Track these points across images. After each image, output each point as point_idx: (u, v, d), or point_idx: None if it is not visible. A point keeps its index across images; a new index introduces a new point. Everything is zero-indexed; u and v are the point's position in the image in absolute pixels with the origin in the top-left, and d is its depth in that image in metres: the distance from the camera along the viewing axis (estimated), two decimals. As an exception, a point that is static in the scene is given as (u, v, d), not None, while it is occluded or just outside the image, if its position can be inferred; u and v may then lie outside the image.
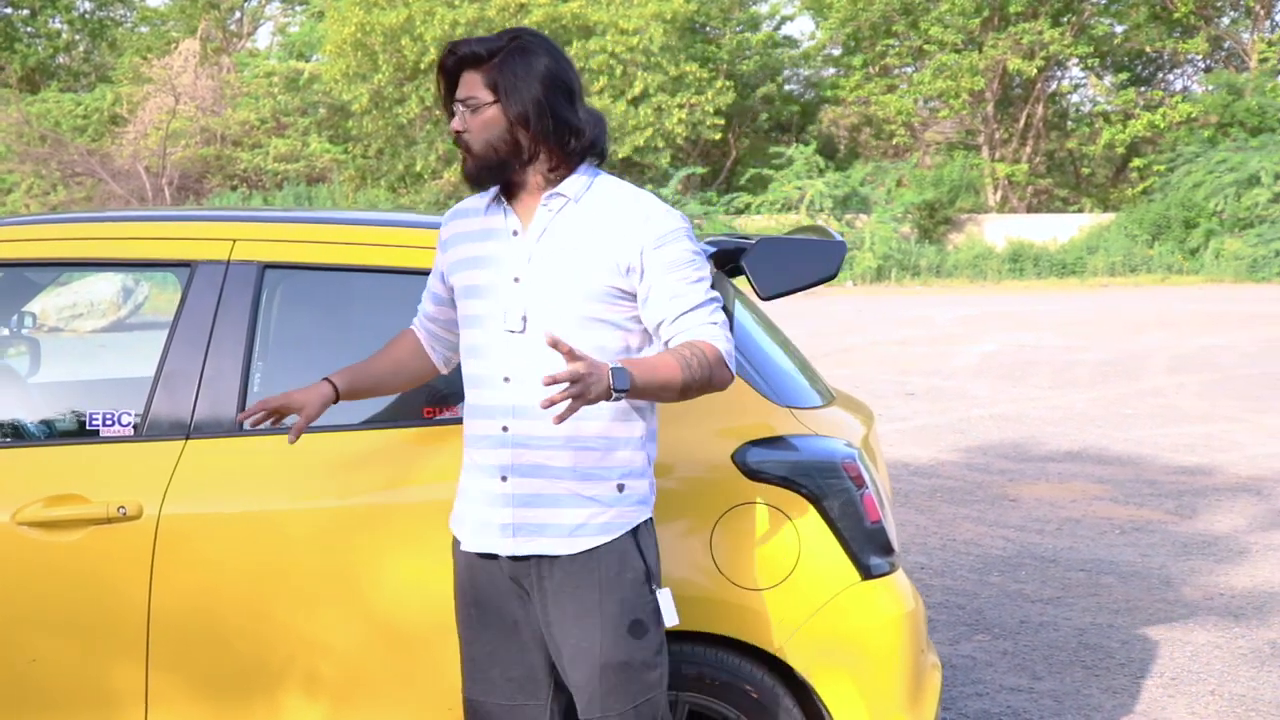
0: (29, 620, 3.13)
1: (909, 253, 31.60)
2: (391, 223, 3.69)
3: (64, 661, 3.14)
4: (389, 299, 3.39)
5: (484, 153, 2.80)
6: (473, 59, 2.81)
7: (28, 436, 3.49)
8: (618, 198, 2.84)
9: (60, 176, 34.32)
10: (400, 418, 3.34)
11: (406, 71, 31.35)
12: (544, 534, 2.80)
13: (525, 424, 2.78)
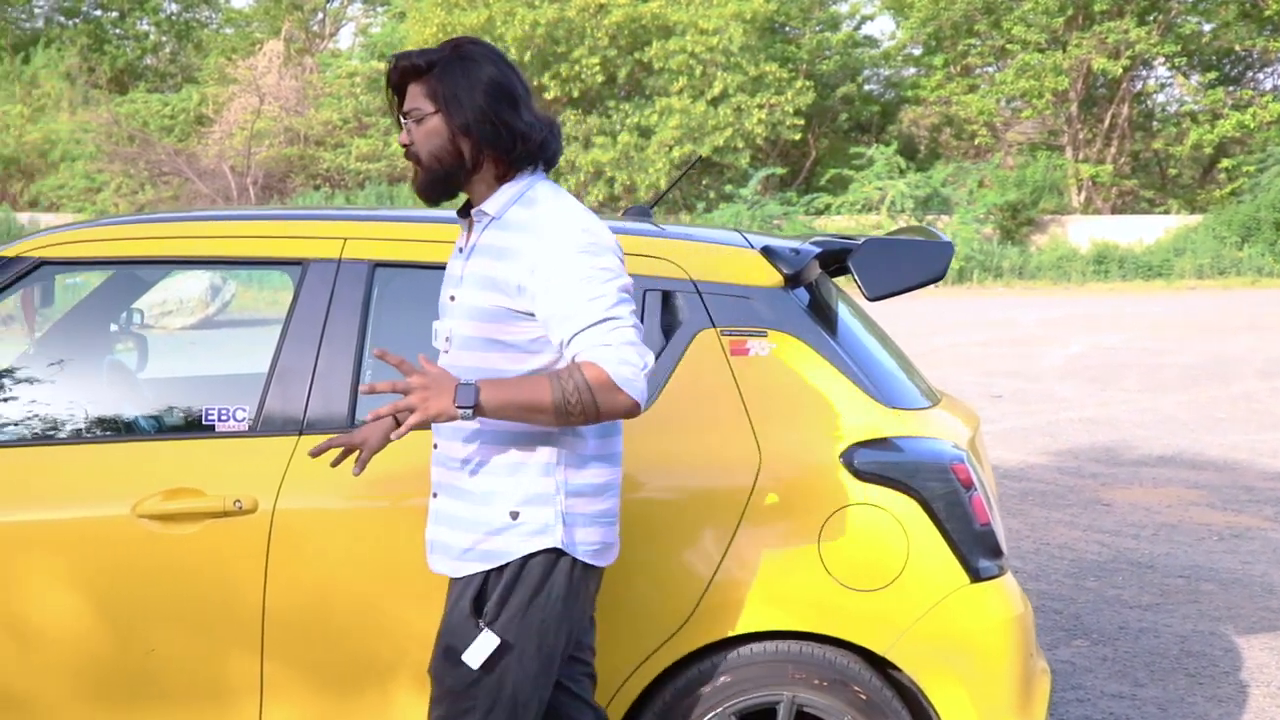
0: (147, 612, 3.18)
1: (991, 254, 31.29)
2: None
3: (180, 653, 3.19)
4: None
5: (430, 164, 2.77)
6: (413, 70, 2.77)
7: (139, 430, 3.54)
8: (528, 214, 2.74)
9: (148, 176, 34.83)
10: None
11: (487, 72, 31.54)
12: (447, 554, 2.82)
13: (444, 444, 2.82)
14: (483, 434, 2.74)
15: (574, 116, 31.17)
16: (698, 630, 3.21)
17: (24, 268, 3.40)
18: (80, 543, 3.21)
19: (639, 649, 3.22)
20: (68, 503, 3.26)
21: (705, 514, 3.25)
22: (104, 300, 4.20)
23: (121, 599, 3.18)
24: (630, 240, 3.46)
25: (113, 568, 3.18)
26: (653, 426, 3.28)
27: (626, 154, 30.61)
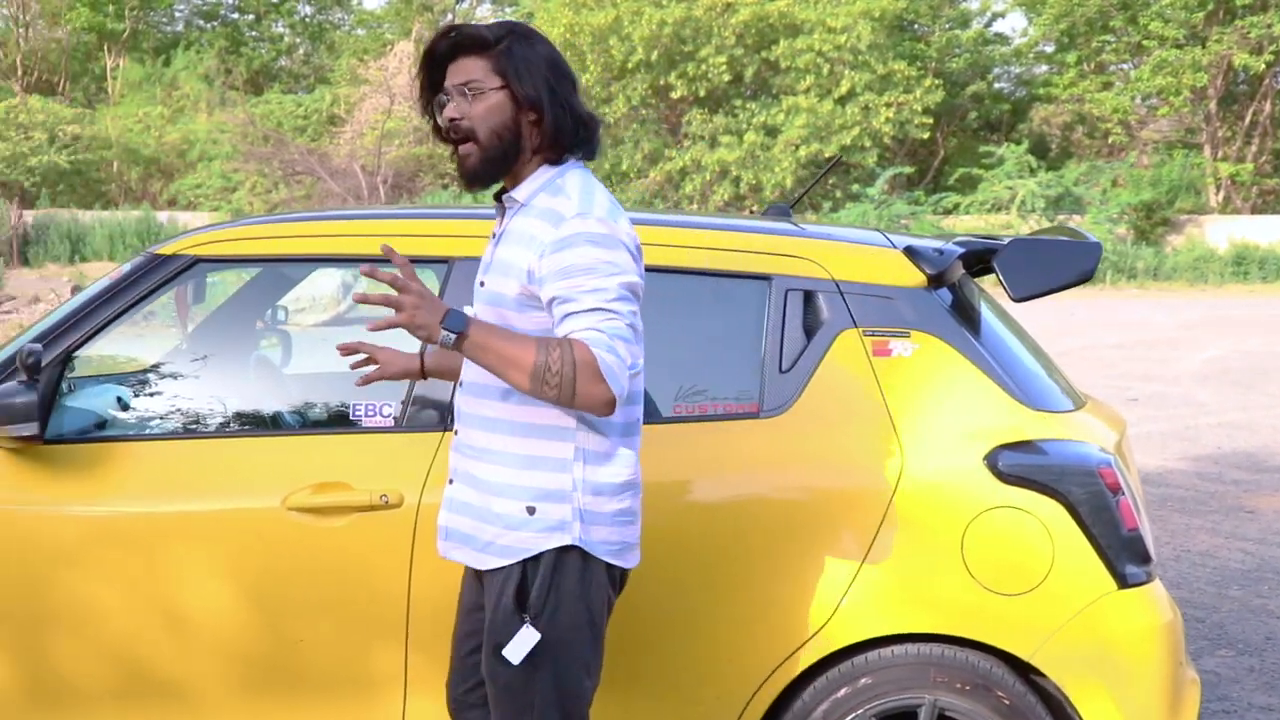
0: (296, 603, 3.25)
1: (1125, 254, 30.66)
2: (673, 224, 3.70)
3: (327, 644, 3.25)
4: (675, 298, 3.44)
5: (489, 141, 2.69)
6: (474, 44, 2.69)
7: (285, 425, 3.61)
8: (551, 201, 2.69)
9: (281, 175, 35.52)
10: (652, 414, 3.37)
11: (613, 71, 31.64)
12: (466, 544, 2.79)
13: (463, 430, 2.80)
14: (500, 424, 2.72)
15: (700, 116, 31.17)
16: (838, 631, 3.19)
17: (180, 265, 3.49)
18: (232, 534, 3.29)
19: (778, 649, 3.21)
20: (220, 495, 3.35)
21: (846, 515, 3.23)
22: (251, 297, 4.29)
23: (272, 590, 3.26)
24: (771, 240, 3.47)
25: (263, 559, 3.25)
26: (794, 426, 3.27)
27: (752, 153, 30.52)
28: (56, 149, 35.82)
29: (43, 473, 3.33)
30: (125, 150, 38.31)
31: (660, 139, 32.22)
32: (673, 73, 30.96)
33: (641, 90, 31.06)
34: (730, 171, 30.73)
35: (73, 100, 42.53)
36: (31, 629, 3.32)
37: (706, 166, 30.71)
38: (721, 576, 3.23)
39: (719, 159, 30.41)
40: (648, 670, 3.25)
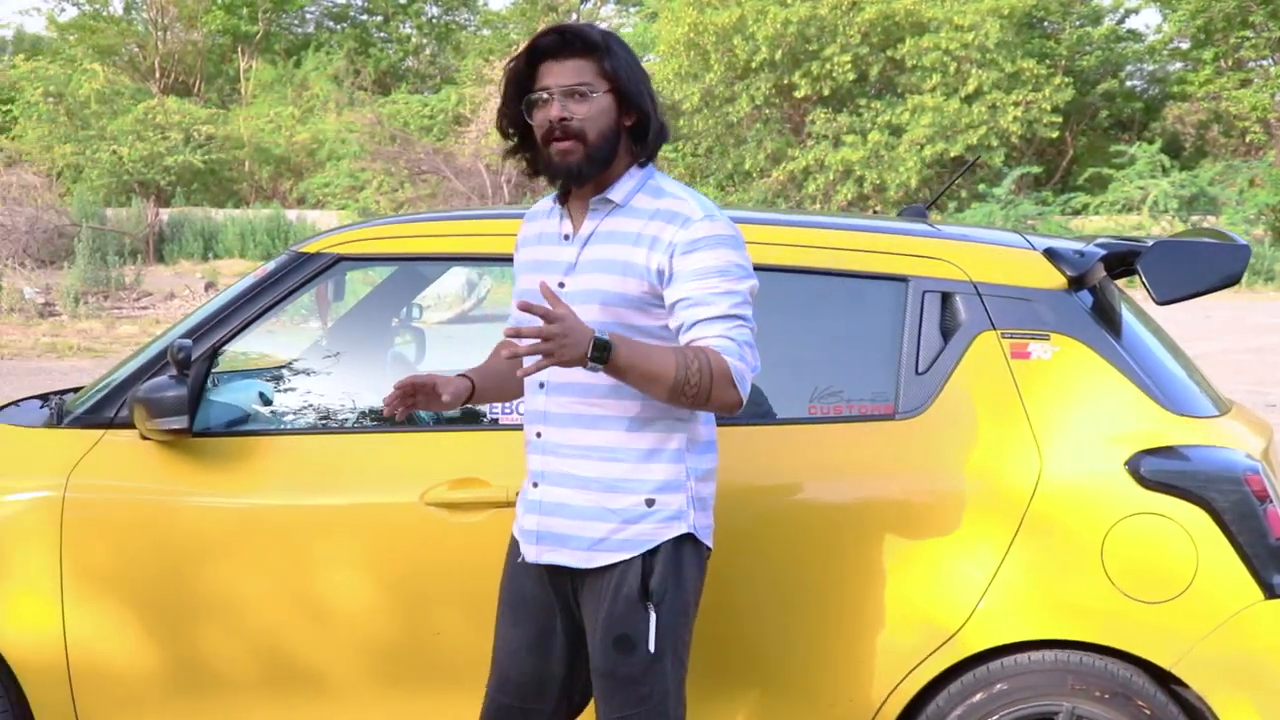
0: (433, 596, 3.31)
1: (1263, 256, 29.82)
2: (809, 224, 3.70)
3: (464, 637, 3.30)
4: (810, 299, 3.45)
5: (597, 142, 2.72)
6: (584, 45, 2.73)
7: (422, 422, 3.67)
8: (663, 200, 2.74)
9: (407, 174, 35.97)
10: (786, 414, 3.37)
11: (737, 71, 31.57)
12: (566, 545, 2.78)
13: (555, 431, 2.78)
14: (612, 420, 2.73)
15: (824, 115, 30.98)
16: (974, 635, 3.16)
17: (323, 264, 3.57)
18: (372, 528, 3.36)
19: (913, 652, 3.20)
20: (359, 489, 3.41)
21: (983, 518, 3.20)
22: (387, 295, 4.37)
23: (410, 583, 3.32)
24: (908, 241, 3.45)
25: (402, 552, 3.32)
26: (930, 428, 3.25)
27: (876, 153, 30.25)
28: (191, 149, 36.69)
29: (190, 465, 3.43)
30: (257, 150, 39.12)
31: (783, 138, 32.09)
32: (797, 72, 30.79)
33: (765, 89, 30.94)
34: (854, 171, 30.50)
35: (207, 101, 43.54)
36: (179, 618, 3.42)
37: (830, 166, 30.51)
38: (857, 578, 3.22)
39: (842, 159, 30.19)
40: (783, 672, 3.26)
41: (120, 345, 15.64)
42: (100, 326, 17.53)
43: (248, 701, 3.44)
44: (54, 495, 3.43)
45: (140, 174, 36.05)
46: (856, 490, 3.28)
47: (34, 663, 3.44)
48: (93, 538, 3.42)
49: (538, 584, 2.88)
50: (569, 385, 2.76)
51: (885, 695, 3.21)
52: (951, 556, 3.20)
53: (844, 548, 3.23)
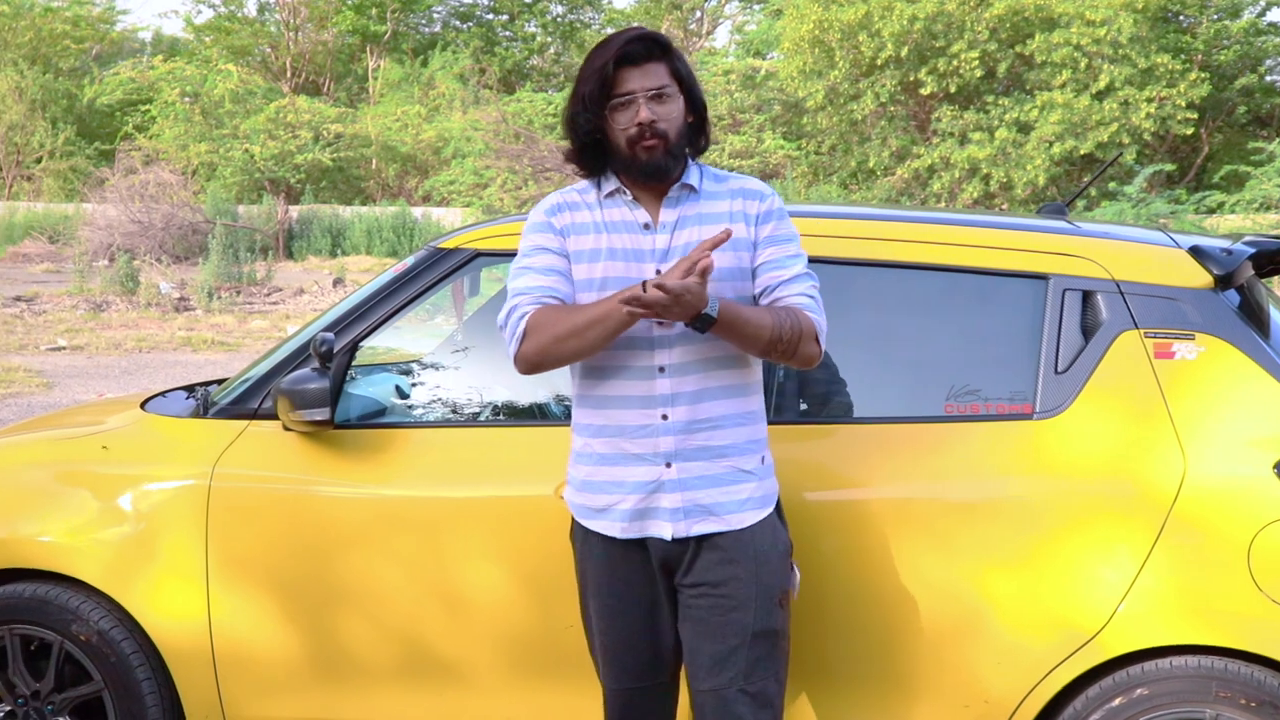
0: (567, 589, 3.32)
1: None
2: (947, 221, 3.67)
3: (597, 629, 3.32)
4: (947, 296, 3.43)
5: (678, 140, 2.91)
6: (662, 50, 2.89)
7: (553, 416, 3.70)
8: (728, 183, 3.00)
9: (531, 172, 36.27)
10: (921, 412, 3.35)
11: (862, 68, 31.32)
12: (714, 513, 2.90)
13: (683, 410, 2.89)
14: (732, 389, 2.92)
15: (950, 112, 30.60)
16: (1114, 639, 3.11)
17: (461, 259, 3.62)
18: (507, 520, 3.40)
19: (1049, 655, 3.16)
20: (494, 482, 3.46)
21: (1124, 520, 3.15)
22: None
23: (543, 575, 3.35)
24: (1048, 239, 3.41)
25: (536, 545, 3.35)
26: (1070, 428, 3.21)
27: (1003, 150, 29.81)
28: (320, 147, 37.36)
29: (331, 456, 3.50)
30: (384, 148, 39.71)
31: (908, 136, 31.77)
32: (923, 68, 30.46)
33: (890, 87, 30.64)
34: (980, 169, 30.09)
35: (336, 100, 44.30)
36: (319, 606, 3.49)
37: (955, 164, 30.13)
38: (992, 579, 3.19)
39: (968, 156, 29.80)
40: (916, 671, 3.23)
41: (252, 339, 15.98)
42: (233, 321, 17.92)
43: (383, 690, 3.50)
44: (200, 484, 3.53)
45: (271, 172, 36.79)
46: (993, 490, 3.24)
47: (181, 648, 3.54)
48: (237, 526, 3.51)
49: (636, 565, 2.98)
50: (691, 364, 2.89)
51: (1021, 698, 3.17)
52: (1090, 558, 3.15)
53: (979, 547, 3.19)
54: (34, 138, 41.13)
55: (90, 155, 41.31)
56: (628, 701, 3.05)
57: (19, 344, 15.04)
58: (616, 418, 2.93)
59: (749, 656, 2.89)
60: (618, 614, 3.01)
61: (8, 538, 3.64)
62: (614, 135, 2.90)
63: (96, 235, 28.09)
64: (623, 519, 2.95)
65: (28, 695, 3.66)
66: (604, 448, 2.96)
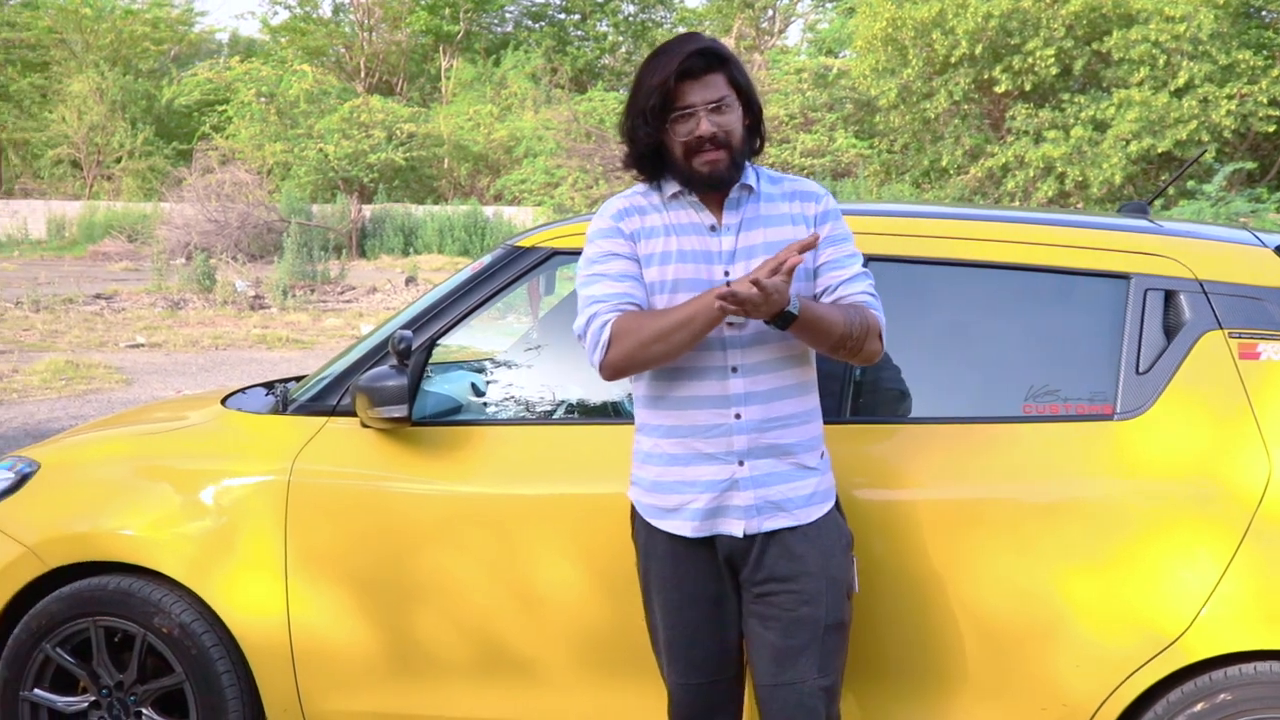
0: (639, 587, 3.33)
1: None
2: (1026, 220, 3.63)
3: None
4: (1026, 295, 3.41)
5: (740, 147, 2.93)
6: (721, 60, 2.90)
7: (627, 414, 3.69)
8: (782, 184, 3.04)
9: (602, 171, 36.36)
10: (999, 412, 3.32)
11: (936, 66, 31.10)
12: (784, 508, 2.94)
13: (756, 409, 2.92)
14: (796, 388, 2.96)
15: (1025, 110, 30.30)
16: (1196, 644, 3.07)
17: (538, 258, 3.63)
18: (581, 518, 3.40)
19: (1129, 659, 3.12)
20: (569, 479, 3.47)
21: (1206, 523, 3.10)
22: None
23: (617, 573, 3.34)
24: (1130, 238, 3.37)
25: (609, 543, 3.34)
26: (1151, 429, 3.17)
27: (1079, 148, 29.46)
28: (393, 146, 37.67)
29: (408, 453, 3.52)
30: (456, 147, 39.98)
31: (982, 134, 31.51)
32: (997, 66, 30.18)
33: (964, 85, 30.40)
34: (1055, 168, 29.78)
35: (409, 100, 44.67)
36: (396, 602, 3.52)
37: (1030, 163, 29.84)
38: (1070, 582, 3.15)
39: (1043, 155, 29.49)
40: (992, 674, 3.21)
41: (325, 337, 16.14)
42: (307, 319, 18.10)
43: (457, 685, 3.52)
44: (279, 479, 3.57)
45: (345, 171, 37.14)
46: (1072, 491, 3.20)
47: (261, 642, 3.58)
48: (315, 522, 3.55)
49: (701, 562, 3.01)
50: (763, 364, 2.94)
51: (1100, 701, 3.14)
52: (1172, 561, 3.11)
53: (1058, 549, 3.16)
54: (114, 138, 41.81)
55: (168, 155, 41.92)
56: (694, 698, 3.06)
57: (99, 341, 15.28)
58: (689, 418, 2.95)
59: (822, 650, 2.92)
60: (682, 609, 3.03)
61: (91, 531, 3.70)
62: (673, 145, 2.93)
63: (174, 234, 28.51)
64: (695, 518, 2.96)
65: (111, 686, 3.72)
66: (675, 448, 2.97)
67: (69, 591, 3.68)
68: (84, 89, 41.89)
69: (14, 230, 35.84)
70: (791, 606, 2.92)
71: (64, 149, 42.74)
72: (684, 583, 3.01)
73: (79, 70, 43.54)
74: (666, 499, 2.99)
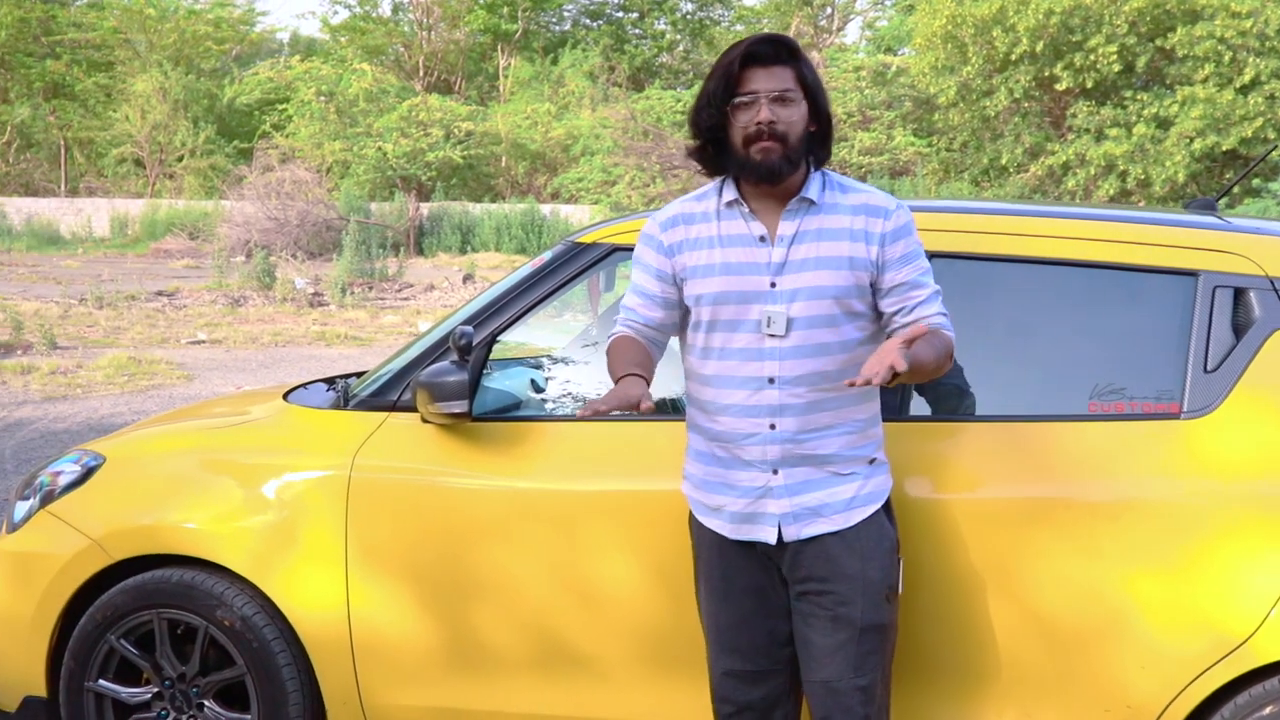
0: (700, 583, 3.32)
1: None
2: (1091, 217, 3.58)
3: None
4: (1090, 293, 3.37)
5: (796, 145, 2.89)
6: (790, 53, 2.90)
7: (683, 410, 3.67)
8: (850, 195, 2.97)
9: (659, 169, 36.36)
10: (1063, 411, 3.28)
11: (996, 63, 30.87)
12: (822, 514, 2.94)
13: (792, 420, 2.91)
14: (844, 399, 2.93)
15: (1086, 108, 30.02)
16: (1266, 645, 3.02)
17: (598, 254, 3.63)
18: (639, 514, 3.39)
19: (1196, 660, 3.08)
20: (629, 475, 3.46)
21: (1275, 523, 3.06)
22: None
23: (675, 569, 3.33)
24: (1198, 234, 3.33)
25: (667, 539, 3.34)
26: (1219, 428, 3.13)
27: (1141, 146, 29.16)
28: (451, 145, 37.84)
29: (468, 448, 3.53)
30: (513, 145, 40.11)
31: (1042, 132, 31.25)
32: (1059, 63, 29.93)
33: (1024, 82, 30.15)
34: (1116, 166, 29.49)
35: (467, 98, 44.86)
36: (455, 597, 3.52)
37: (1091, 161, 29.56)
38: (1136, 582, 3.11)
39: (1105, 153, 29.21)
40: (1055, 674, 3.17)
41: (384, 334, 16.24)
42: (365, 316, 18.22)
43: (515, 681, 3.52)
44: (341, 474, 3.58)
45: (403, 169, 37.34)
46: (1138, 490, 3.16)
47: (321, 636, 3.60)
48: (376, 516, 3.56)
49: (747, 555, 3.03)
50: (802, 377, 2.92)
51: (1166, 703, 3.10)
52: (1239, 562, 3.06)
53: (1124, 548, 3.12)
54: (176, 137, 42.25)
55: (229, 154, 42.33)
56: (740, 685, 3.06)
57: (161, 337, 15.45)
58: (726, 424, 2.98)
59: (858, 650, 2.93)
60: (729, 597, 3.05)
61: (155, 524, 3.73)
62: (733, 134, 2.92)
63: (234, 232, 28.79)
64: (732, 520, 3.01)
65: (174, 678, 3.75)
66: (717, 450, 3.02)
67: (133, 584, 3.72)
68: (147, 88, 42.36)
69: (79, 228, 36.34)
70: (828, 606, 2.94)
71: (128, 148, 43.25)
72: (730, 572, 3.04)
73: (143, 70, 44.05)
74: (709, 498, 3.04)
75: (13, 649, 3.86)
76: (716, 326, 2.97)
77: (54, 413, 10.37)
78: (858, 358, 2.92)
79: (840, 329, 2.92)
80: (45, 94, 46.65)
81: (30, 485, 4.02)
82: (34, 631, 3.81)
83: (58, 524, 3.82)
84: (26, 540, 3.88)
